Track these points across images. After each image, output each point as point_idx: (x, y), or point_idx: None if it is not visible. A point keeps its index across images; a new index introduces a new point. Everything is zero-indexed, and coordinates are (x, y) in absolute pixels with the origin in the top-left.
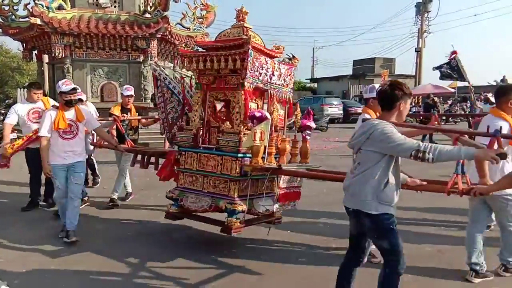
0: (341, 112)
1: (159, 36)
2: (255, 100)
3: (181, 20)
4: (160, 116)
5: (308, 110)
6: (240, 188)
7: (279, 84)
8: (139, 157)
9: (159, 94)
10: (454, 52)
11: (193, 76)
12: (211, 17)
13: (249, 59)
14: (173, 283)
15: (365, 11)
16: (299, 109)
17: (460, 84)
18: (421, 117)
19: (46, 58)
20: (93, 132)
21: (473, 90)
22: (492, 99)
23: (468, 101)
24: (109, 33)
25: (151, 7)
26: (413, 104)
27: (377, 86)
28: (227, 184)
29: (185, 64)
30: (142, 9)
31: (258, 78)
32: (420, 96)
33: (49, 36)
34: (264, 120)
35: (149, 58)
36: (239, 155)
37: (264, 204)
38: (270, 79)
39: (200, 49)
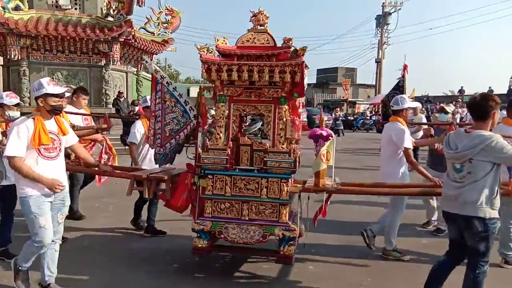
0: (306, 119)
1: (122, 40)
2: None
3: (145, 24)
4: (151, 126)
5: None
6: (288, 211)
7: None
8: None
9: (157, 100)
10: (405, 67)
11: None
12: (176, 23)
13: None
14: None
15: (329, 22)
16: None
17: (418, 93)
18: (382, 125)
19: (0, 60)
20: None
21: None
22: (447, 108)
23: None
24: (69, 36)
25: (114, 10)
26: (373, 112)
27: (406, 96)
28: (276, 208)
29: (211, 73)
30: (104, 12)
31: None
32: (380, 105)
33: (4, 37)
34: (329, 139)
35: (111, 62)
36: (292, 176)
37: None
38: None
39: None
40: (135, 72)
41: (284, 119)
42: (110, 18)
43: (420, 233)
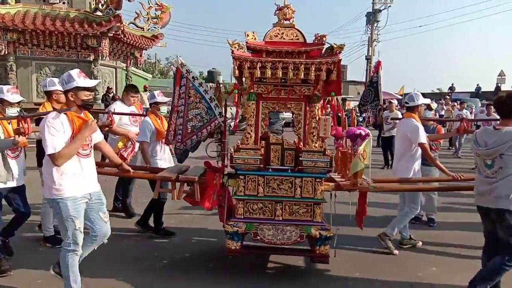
0: None
1: (111, 35)
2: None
3: (134, 19)
4: (172, 121)
5: None
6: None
7: None
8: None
9: (181, 95)
10: (379, 63)
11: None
12: (166, 18)
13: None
14: None
15: (320, 19)
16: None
17: (407, 90)
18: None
19: None
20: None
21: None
22: (433, 105)
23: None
24: (57, 30)
25: (102, 5)
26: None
27: (419, 93)
28: (311, 208)
29: (243, 70)
30: (93, 6)
31: None
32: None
33: None
34: (367, 138)
35: (100, 58)
36: (327, 175)
37: None
38: None
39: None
40: (124, 68)
41: (317, 117)
42: (98, 13)
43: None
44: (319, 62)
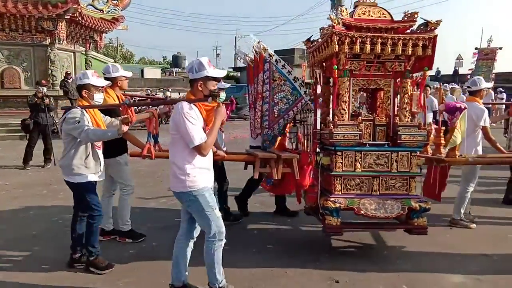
0: None
1: (68, 17)
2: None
3: (93, 1)
4: (258, 108)
5: (231, 98)
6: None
7: None
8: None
9: (265, 80)
10: None
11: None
12: (126, 0)
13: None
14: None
15: (287, 2)
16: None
17: None
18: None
19: None
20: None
21: None
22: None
23: None
24: (9, 12)
25: None
26: None
27: (482, 78)
28: (406, 181)
29: (343, 46)
30: None
31: None
32: None
33: None
34: (463, 111)
35: (57, 41)
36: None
37: None
38: None
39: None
40: (83, 52)
41: (409, 93)
42: None
43: None
44: (416, 38)
